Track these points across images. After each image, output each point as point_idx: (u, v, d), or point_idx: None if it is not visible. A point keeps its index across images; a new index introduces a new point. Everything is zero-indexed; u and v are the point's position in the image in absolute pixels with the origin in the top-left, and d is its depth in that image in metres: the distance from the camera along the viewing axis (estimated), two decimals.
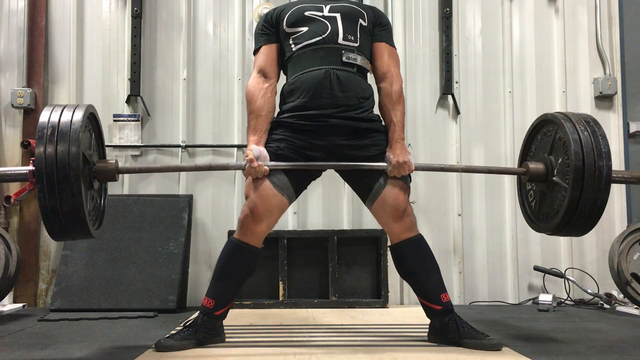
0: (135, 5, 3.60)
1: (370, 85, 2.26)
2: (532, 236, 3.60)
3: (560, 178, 2.02)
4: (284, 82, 2.28)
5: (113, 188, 3.58)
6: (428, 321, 2.23)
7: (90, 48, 3.67)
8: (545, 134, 2.15)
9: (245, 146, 2.18)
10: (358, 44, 2.18)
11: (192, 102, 3.67)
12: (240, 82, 3.66)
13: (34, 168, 1.79)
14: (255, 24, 3.66)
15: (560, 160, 2.03)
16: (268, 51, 2.24)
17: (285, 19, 2.21)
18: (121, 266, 3.19)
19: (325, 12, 2.19)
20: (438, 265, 2.22)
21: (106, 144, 3.55)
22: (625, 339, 2.31)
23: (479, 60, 3.74)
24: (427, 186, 3.62)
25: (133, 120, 3.61)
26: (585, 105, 3.71)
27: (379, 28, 2.26)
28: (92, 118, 2.05)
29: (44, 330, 2.56)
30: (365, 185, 2.19)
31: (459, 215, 3.63)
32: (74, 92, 3.62)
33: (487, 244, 3.64)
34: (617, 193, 3.66)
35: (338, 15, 2.18)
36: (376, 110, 2.26)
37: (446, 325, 2.13)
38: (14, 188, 3.54)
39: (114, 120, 3.61)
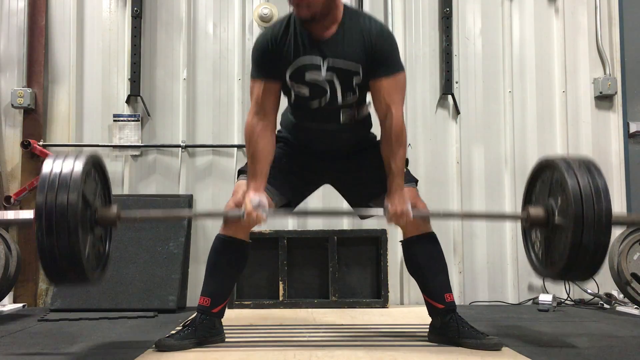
0: (135, 5, 3.60)
1: (368, 124, 2.25)
2: None
3: (561, 218, 2.00)
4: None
5: (114, 188, 3.57)
6: (428, 321, 2.23)
7: (90, 48, 3.67)
8: (544, 180, 2.14)
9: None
10: (357, 96, 2.11)
11: (192, 102, 3.67)
12: (240, 82, 3.66)
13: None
14: (255, 24, 3.68)
15: (559, 200, 2.01)
16: (268, 88, 2.07)
17: (288, 73, 2.06)
18: (121, 266, 3.19)
19: (323, 73, 2.03)
20: (447, 265, 2.22)
21: (106, 144, 3.60)
22: (625, 339, 2.31)
23: (479, 60, 3.74)
24: (427, 186, 3.62)
25: (133, 120, 3.62)
26: (585, 105, 3.72)
27: (375, 65, 2.04)
28: (96, 165, 2.09)
29: (44, 330, 2.56)
30: (369, 196, 2.22)
31: None
32: (74, 92, 3.62)
33: (487, 244, 3.64)
34: (617, 193, 3.66)
35: (334, 76, 2.04)
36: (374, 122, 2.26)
37: (446, 325, 2.13)
38: (13, 188, 3.55)
39: (114, 120, 3.61)
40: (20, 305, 3.29)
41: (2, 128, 3.62)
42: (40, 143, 3.52)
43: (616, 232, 3.49)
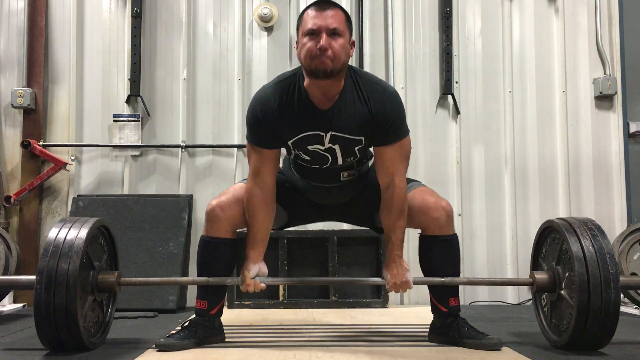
0: (135, 5, 3.60)
1: (371, 169, 2.20)
2: (532, 236, 3.55)
3: (567, 293, 2.00)
4: None
5: (113, 188, 3.58)
6: (428, 321, 2.23)
7: (90, 48, 3.68)
8: (554, 239, 2.13)
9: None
10: (358, 157, 2.08)
11: (192, 102, 3.67)
12: (240, 82, 3.66)
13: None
14: (255, 24, 3.68)
15: (567, 274, 2.01)
16: (267, 156, 2.01)
17: (290, 142, 2.01)
18: (121, 266, 3.17)
19: (326, 144, 1.99)
20: (460, 270, 2.19)
21: (106, 144, 3.59)
22: (625, 339, 2.31)
23: (479, 60, 3.74)
24: (427, 186, 3.61)
25: (133, 120, 3.61)
26: (585, 105, 3.72)
27: (378, 134, 1.99)
28: (104, 230, 2.16)
29: None
30: (370, 214, 2.23)
31: (459, 215, 3.63)
32: (74, 92, 3.63)
33: (487, 244, 3.64)
34: (617, 192, 3.67)
35: (337, 147, 1.99)
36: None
37: (447, 325, 2.13)
38: (13, 188, 3.55)
39: (114, 120, 3.61)
40: (20, 305, 3.29)
41: (2, 128, 3.62)
42: (40, 143, 3.52)
43: (616, 231, 3.51)
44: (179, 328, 2.22)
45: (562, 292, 2.03)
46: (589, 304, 1.88)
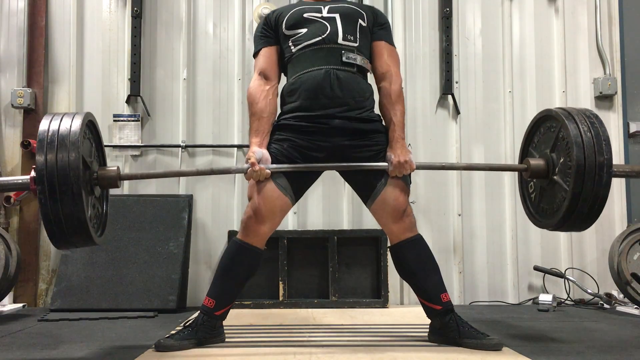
0: (135, 5, 3.60)
1: (370, 84, 2.27)
2: (532, 236, 3.60)
3: (561, 178, 2.02)
4: (284, 81, 2.29)
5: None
6: (428, 321, 2.23)
7: (90, 48, 3.67)
8: (549, 128, 2.13)
9: (246, 146, 2.19)
10: (358, 44, 2.19)
11: (192, 102, 3.67)
12: (240, 82, 3.66)
13: (35, 175, 1.80)
14: (255, 24, 3.68)
15: (562, 160, 2.02)
16: (268, 53, 2.25)
17: (284, 21, 2.22)
18: (121, 266, 3.19)
19: (324, 13, 2.20)
20: (438, 265, 2.22)
21: (106, 144, 3.59)
22: (625, 339, 2.31)
23: (479, 60, 3.74)
24: (427, 186, 3.62)
25: (133, 120, 3.61)
26: (585, 105, 3.71)
27: (377, 27, 2.27)
28: (91, 126, 2.06)
29: (44, 330, 2.56)
30: (366, 185, 2.19)
31: (459, 215, 3.63)
32: (74, 92, 3.62)
33: (487, 244, 3.64)
34: (617, 193, 3.66)
35: (337, 16, 2.19)
36: (376, 109, 2.27)
37: (446, 325, 2.13)
38: None
39: (114, 120, 3.61)
40: (20, 305, 3.30)
41: (2, 128, 3.62)
42: None
43: (616, 231, 3.51)
44: (180, 327, 2.23)
45: (556, 177, 2.05)
46: (582, 188, 1.92)
